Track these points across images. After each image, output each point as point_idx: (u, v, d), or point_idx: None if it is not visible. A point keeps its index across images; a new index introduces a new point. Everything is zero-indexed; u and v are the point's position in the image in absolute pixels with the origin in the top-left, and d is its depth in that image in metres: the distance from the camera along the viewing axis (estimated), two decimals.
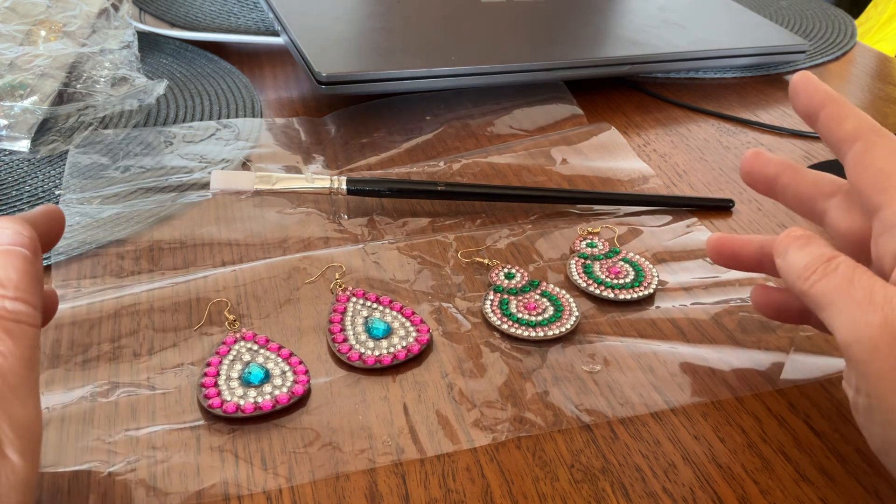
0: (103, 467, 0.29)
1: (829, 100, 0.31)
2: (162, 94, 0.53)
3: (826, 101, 0.31)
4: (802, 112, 0.32)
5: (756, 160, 0.34)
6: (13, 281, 0.24)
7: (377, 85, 0.50)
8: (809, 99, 0.32)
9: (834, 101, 0.31)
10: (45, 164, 0.47)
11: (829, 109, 0.31)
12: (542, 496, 0.29)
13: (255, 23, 0.63)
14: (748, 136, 0.54)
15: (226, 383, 0.32)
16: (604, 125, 0.54)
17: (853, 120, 0.30)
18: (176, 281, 0.38)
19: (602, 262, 0.40)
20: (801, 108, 0.32)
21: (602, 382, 0.34)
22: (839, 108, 0.31)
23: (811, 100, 0.32)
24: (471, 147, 0.51)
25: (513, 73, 0.54)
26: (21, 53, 0.53)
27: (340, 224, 0.43)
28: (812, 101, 0.32)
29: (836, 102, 0.31)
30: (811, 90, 0.32)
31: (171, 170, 0.46)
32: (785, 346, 0.36)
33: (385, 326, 0.35)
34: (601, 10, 0.64)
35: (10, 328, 0.23)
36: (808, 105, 0.32)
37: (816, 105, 0.31)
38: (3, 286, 0.23)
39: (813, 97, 0.31)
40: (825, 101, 0.31)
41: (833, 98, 0.31)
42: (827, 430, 0.32)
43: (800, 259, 0.28)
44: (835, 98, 0.31)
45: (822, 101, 0.31)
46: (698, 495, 0.29)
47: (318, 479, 0.29)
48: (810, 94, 0.32)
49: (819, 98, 0.31)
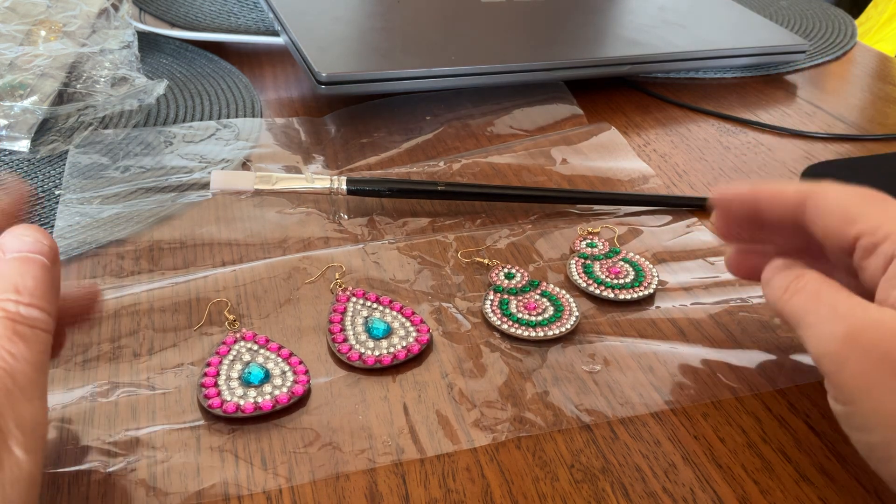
0: (103, 467, 0.29)
1: (757, 188, 0.32)
2: (162, 94, 0.53)
3: (755, 191, 0.32)
4: (744, 216, 0.32)
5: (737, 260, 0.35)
6: (30, 288, 0.25)
7: (377, 85, 0.50)
8: (740, 200, 0.32)
9: (761, 186, 0.32)
10: (45, 164, 0.47)
11: (763, 193, 0.31)
12: (542, 496, 0.29)
13: (255, 23, 0.63)
14: (748, 136, 0.54)
15: (226, 383, 0.32)
16: (604, 125, 0.54)
17: (792, 185, 0.31)
18: (176, 281, 0.38)
19: (602, 262, 0.40)
20: (740, 214, 0.32)
21: (602, 382, 0.34)
22: (771, 186, 0.32)
23: (741, 200, 0.32)
24: (471, 147, 0.51)
25: (513, 73, 0.54)
26: (21, 53, 0.53)
27: (340, 224, 0.43)
28: (744, 200, 0.32)
29: (765, 185, 0.32)
30: (734, 193, 0.32)
31: (171, 170, 0.46)
32: (785, 346, 0.36)
33: (385, 326, 0.35)
34: (601, 10, 0.64)
35: (24, 332, 0.24)
36: (743, 206, 0.32)
37: (748, 201, 0.32)
38: (20, 293, 0.25)
39: (741, 198, 0.32)
40: (754, 191, 0.32)
41: (758, 185, 0.32)
42: (827, 430, 0.32)
43: (778, 281, 0.30)
44: (760, 184, 0.32)
45: (751, 192, 0.32)
46: (698, 495, 0.29)
47: (318, 479, 0.29)
48: (736, 197, 0.32)
49: (745, 193, 0.32)
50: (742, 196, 0.32)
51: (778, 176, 0.49)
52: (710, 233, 0.43)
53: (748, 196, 0.32)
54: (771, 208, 0.31)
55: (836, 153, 0.52)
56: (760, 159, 0.51)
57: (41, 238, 0.26)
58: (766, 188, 0.32)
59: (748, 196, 0.32)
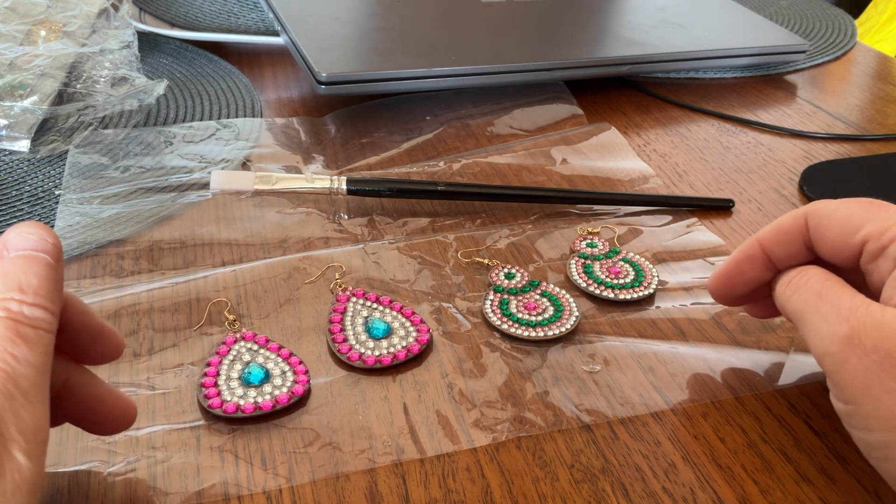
0: (103, 467, 0.29)
1: (758, 240, 0.31)
2: (162, 94, 0.53)
3: (757, 242, 0.31)
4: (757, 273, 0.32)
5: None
6: (34, 287, 0.24)
7: (377, 85, 0.50)
8: (749, 261, 0.31)
9: (758, 237, 0.31)
10: (45, 164, 0.47)
11: (765, 239, 0.31)
12: (542, 496, 0.29)
13: (255, 23, 0.63)
14: (748, 136, 0.54)
15: (226, 383, 0.32)
16: (604, 125, 0.54)
17: (785, 216, 0.31)
18: (176, 281, 0.38)
19: (602, 262, 0.40)
20: (752, 275, 0.32)
21: (602, 382, 0.34)
22: (766, 230, 0.31)
23: (750, 260, 0.31)
24: (471, 147, 0.51)
25: (513, 73, 0.54)
26: (21, 53, 0.53)
27: (340, 224, 0.43)
28: (752, 257, 0.31)
29: (760, 234, 0.31)
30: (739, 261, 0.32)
31: (171, 170, 0.46)
32: (785, 346, 0.36)
33: (385, 326, 0.35)
34: (601, 10, 0.64)
35: (27, 333, 0.23)
36: (754, 265, 0.31)
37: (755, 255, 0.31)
38: (24, 292, 0.24)
39: (749, 258, 0.31)
40: (756, 243, 0.31)
41: (749, 243, 0.32)
42: (827, 430, 0.32)
43: (781, 276, 0.31)
44: (747, 244, 0.32)
45: (754, 246, 0.31)
46: (698, 495, 0.29)
47: (318, 479, 0.29)
48: (743, 261, 0.32)
49: (749, 251, 0.31)
50: (748, 256, 0.32)
51: (778, 176, 0.49)
52: (710, 233, 0.43)
53: (754, 251, 0.31)
54: (779, 246, 0.31)
55: (836, 153, 0.52)
56: (760, 159, 0.51)
57: (45, 235, 0.25)
58: (765, 234, 0.31)
59: (754, 251, 0.31)
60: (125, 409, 0.28)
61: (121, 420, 0.28)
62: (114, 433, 0.29)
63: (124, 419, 0.28)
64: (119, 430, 0.28)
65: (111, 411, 0.28)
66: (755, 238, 0.32)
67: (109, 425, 0.28)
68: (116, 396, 0.28)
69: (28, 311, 0.24)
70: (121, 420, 0.28)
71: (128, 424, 0.28)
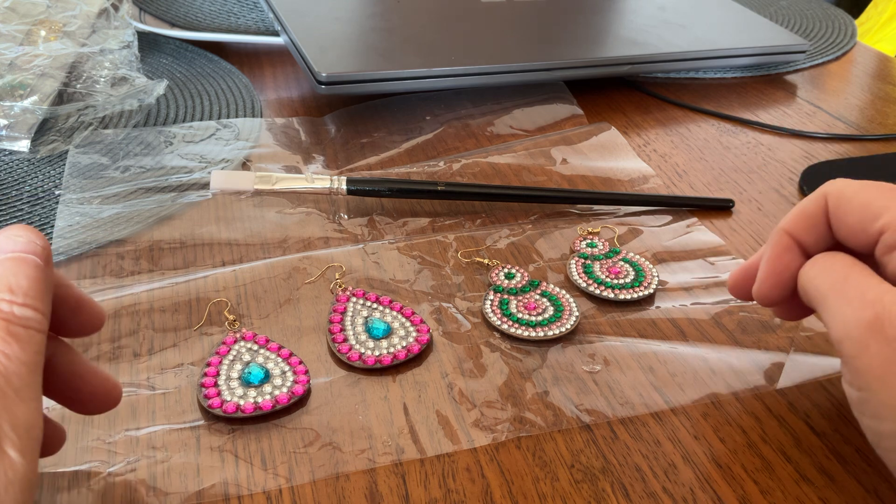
0: (103, 467, 0.29)
1: (785, 230, 0.31)
2: (162, 94, 0.53)
3: (784, 233, 0.31)
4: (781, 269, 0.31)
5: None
6: (23, 288, 0.25)
7: (377, 85, 0.50)
8: (787, 252, 0.31)
9: (784, 227, 0.31)
10: (45, 164, 0.47)
11: (792, 226, 0.31)
12: (542, 496, 0.29)
13: (255, 23, 0.63)
14: (748, 136, 0.54)
15: (226, 383, 0.32)
16: (604, 125, 0.54)
17: (805, 200, 0.31)
18: (176, 281, 0.38)
19: (602, 262, 0.40)
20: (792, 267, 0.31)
21: (602, 382, 0.34)
22: (791, 217, 0.31)
23: (787, 251, 0.31)
24: (471, 147, 0.51)
25: (513, 73, 0.54)
26: (21, 53, 0.53)
27: (340, 224, 0.43)
28: (788, 249, 0.31)
29: (784, 223, 0.31)
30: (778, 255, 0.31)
31: (171, 170, 0.46)
32: (785, 346, 0.36)
33: (385, 326, 0.35)
34: (601, 10, 0.64)
35: (18, 333, 0.24)
36: (792, 257, 0.31)
37: (789, 247, 0.31)
38: (14, 292, 0.24)
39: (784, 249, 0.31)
40: (784, 233, 0.31)
41: (778, 233, 0.31)
42: (827, 430, 0.32)
43: (811, 260, 0.30)
44: (777, 233, 0.31)
45: (783, 236, 0.31)
46: (698, 495, 0.29)
47: (318, 479, 0.29)
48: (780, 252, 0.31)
49: (781, 243, 0.31)
50: (787, 247, 0.31)
51: (778, 176, 0.49)
52: (710, 233, 0.43)
53: (787, 242, 0.31)
54: (807, 231, 0.30)
55: (836, 153, 0.52)
56: (760, 159, 0.51)
57: (34, 238, 0.26)
58: (791, 223, 0.31)
59: (787, 242, 0.31)
60: (110, 389, 0.28)
61: (106, 399, 0.28)
62: (99, 412, 0.29)
63: (109, 399, 0.28)
64: (104, 409, 0.29)
65: (95, 391, 0.28)
66: (781, 229, 0.31)
67: (94, 404, 0.28)
68: (101, 376, 0.28)
69: (18, 310, 0.24)
70: (106, 399, 0.28)
71: (113, 404, 0.28)
